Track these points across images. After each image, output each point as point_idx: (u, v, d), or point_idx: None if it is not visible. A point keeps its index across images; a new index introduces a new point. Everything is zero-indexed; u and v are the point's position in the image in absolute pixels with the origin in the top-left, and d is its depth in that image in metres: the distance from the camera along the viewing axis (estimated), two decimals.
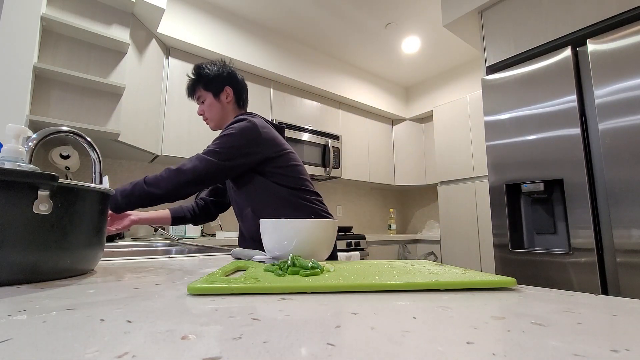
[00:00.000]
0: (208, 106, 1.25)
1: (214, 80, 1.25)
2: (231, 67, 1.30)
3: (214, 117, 1.27)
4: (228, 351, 0.22)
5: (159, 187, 1.03)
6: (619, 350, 0.23)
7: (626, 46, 1.33)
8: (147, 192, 1.02)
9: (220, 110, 1.26)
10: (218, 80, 1.26)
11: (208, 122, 1.29)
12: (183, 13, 2.40)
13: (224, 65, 1.29)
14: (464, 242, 2.87)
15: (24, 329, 0.26)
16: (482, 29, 1.92)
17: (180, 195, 1.05)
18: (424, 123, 3.91)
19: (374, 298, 0.39)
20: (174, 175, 1.04)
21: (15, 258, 0.44)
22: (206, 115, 1.27)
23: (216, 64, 1.28)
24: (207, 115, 1.27)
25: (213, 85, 1.25)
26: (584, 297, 0.40)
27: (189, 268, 0.65)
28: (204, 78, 1.25)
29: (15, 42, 1.54)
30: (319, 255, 0.66)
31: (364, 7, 2.61)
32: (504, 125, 1.67)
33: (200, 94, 1.26)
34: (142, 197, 1.02)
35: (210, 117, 1.27)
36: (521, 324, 0.29)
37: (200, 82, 1.25)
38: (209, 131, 2.47)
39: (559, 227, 1.50)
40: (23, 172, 0.44)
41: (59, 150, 1.82)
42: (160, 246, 1.50)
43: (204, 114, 1.27)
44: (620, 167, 1.31)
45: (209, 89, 1.25)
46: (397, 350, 0.22)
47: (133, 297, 0.38)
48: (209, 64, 1.28)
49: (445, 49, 3.20)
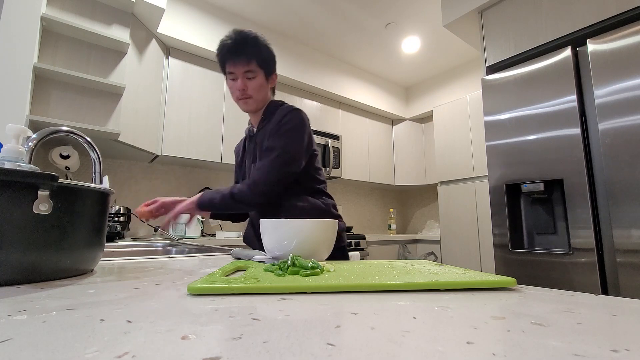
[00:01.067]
0: (258, 85, 1.09)
1: (271, 59, 1.12)
2: None
3: (258, 98, 1.12)
4: (228, 351, 0.22)
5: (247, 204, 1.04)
6: (619, 350, 0.23)
7: (626, 46, 1.33)
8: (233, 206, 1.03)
9: (265, 93, 1.13)
10: (273, 62, 1.13)
11: (246, 102, 1.11)
12: (183, 13, 2.40)
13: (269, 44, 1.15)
14: (464, 242, 2.87)
15: (24, 329, 0.26)
16: (482, 29, 1.92)
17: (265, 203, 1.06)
18: (424, 123, 3.91)
19: (374, 298, 0.38)
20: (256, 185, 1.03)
21: (15, 258, 0.44)
22: (250, 93, 1.09)
23: (267, 42, 1.13)
24: (251, 93, 1.09)
25: (269, 64, 1.11)
26: (584, 297, 0.40)
27: (189, 268, 0.65)
28: (263, 53, 1.09)
29: (15, 42, 1.54)
30: (319, 255, 0.66)
31: (364, 7, 2.61)
32: (504, 125, 1.67)
33: (252, 67, 1.07)
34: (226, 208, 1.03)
35: (255, 97, 1.11)
36: (521, 324, 0.29)
37: (259, 55, 1.08)
38: (209, 131, 2.47)
39: (559, 227, 1.50)
40: (23, 172, 0.44)
41: (59, 150, 1.82)
42: (160, 246, 1.50)
43: (246, 90, 1.09)
44: (620, 167, 1.31)
45: (264, 67, 1.10)
46: (397, 350, 0.22)
47: (133, 297, 0.38)
48: (261, 38, 1.11)
49: (445, 49, 3.20)
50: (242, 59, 1.06)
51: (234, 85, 1.09)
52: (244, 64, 1.06)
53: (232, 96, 1.13)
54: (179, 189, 2.61)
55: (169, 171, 2.58)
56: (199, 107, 2.45)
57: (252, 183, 1.03)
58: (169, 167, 2.59)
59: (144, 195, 2.44)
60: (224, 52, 1.07)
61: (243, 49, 1.06)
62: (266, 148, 1.06)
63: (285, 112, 1.08)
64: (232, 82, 1.10)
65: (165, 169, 2.57)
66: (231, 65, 1.07)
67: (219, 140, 2.51)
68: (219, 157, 2.49)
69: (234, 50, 1.06)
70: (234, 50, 1.06)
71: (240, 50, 1.06)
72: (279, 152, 1.03)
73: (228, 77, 1.10)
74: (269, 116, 1.14)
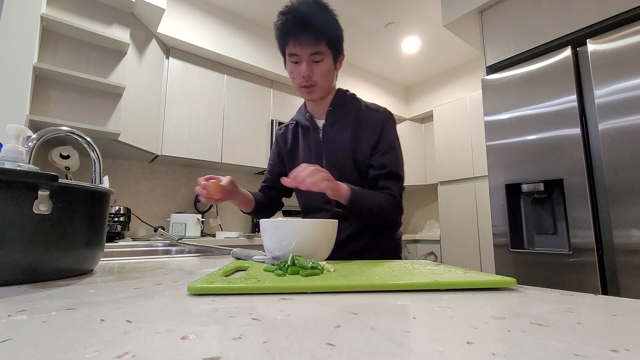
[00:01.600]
0: (326, 70, 0.90)
1: (341, 36, 0.92)
2: None
3: (325, 86, 0.93)
4: (228, 351, 0.22)
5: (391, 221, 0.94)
6: (619, 350, 0.23)
7: (626, 46, 1.33)
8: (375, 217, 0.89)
9: (332, 79, 0.95)
10: (341, 40, 0.93)
11: (310, 90, 0.92)
12: (183, 13, 2.40)
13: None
14: (464, 242, 2.87)
15: (24, 329, 0.26)
16: (482, 29, 1.92)
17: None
18: (424, 123, 3.91)
19: (374, 298, 0.38)
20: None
21: (15, 258, 0.44)
22: (315, 80, 0.90)
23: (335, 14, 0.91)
24: (317, 80, 0.90)
25: (338, 43, 0.92)
26: (584, 297, 0.40)
27: (189, 268, 0.65)
28: (334, 29, 0.89)
29: (15, 42, 1.54)
30: (319, 255, 0.66)
31: (364, 7, 2.61)
32: (504, 125, 1.67)
33: (321, 49, 0.87)
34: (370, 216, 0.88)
35: (322, 85, 0.92)
36: (521, 324, 0.29)
37: (330, 33, 0.88)
38: (209, 131, 2.46)
39: (559, 227, 1.50)
40: (23, 172, 0.44)
41: (59, 150, 1.82)
42: (160, 246, 1.50)
43: (312, 76, 0.89)
44: (620, 167, 1.31)
45: (333, 48, 0.90)
46: (397, 350, 0.22)
47: (133, 297, 0.38)
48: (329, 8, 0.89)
49: (445, 49, 3.20)
50: (309, 38, 0.85)
51: (295, 69, 0.90)
52: (311, 45, 0.86)
53: (292, 82, 0.95)
54: (179, 189, 2.61)
55: (169, 171, 2.58)
56: (199, 107, 2.44)
57: (398, 201, 0.92)
58: (169, 167, 2.59)
59: (144, 195, 2.44)
60: (286, 29, 0.87)
61: (310, 25, 0.85)
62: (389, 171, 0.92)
63: (387, 113, 0.99)
64: (293, 66, 0.91)
65: (165, 169, 2.57)
66: (295, 46, 0.87)
67: (219, 140, 2.51)
68: (219, 157, 2.49)
69: (299, 27, 0.85)
70: (299, 26, 0.85)
71: (307, 27, 0.85)
72: (398, 171, 0.94)
73: (289, 59, 0.91)
74: (339, 108, 0.99)
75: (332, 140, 0.97)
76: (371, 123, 0.96)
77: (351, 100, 1.01)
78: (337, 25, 0.90)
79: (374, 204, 0.87)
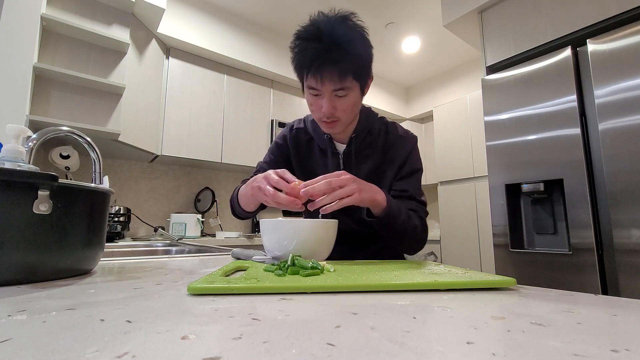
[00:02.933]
0: (351, 104, 0.77)
1: (368, 64, 0.77)
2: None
3: (349, 120, 0.82)
4: (228, 351, 0.22)
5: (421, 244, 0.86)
6: (619, 350, 0.23)
7: (626, 46, 1.33)
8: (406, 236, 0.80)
9: (358, 110, 0.85)
10: (370, 65, 0.78)
11: (332, 125, 0.80)
12: (183, 13, 2.40)
13: (367, 33, 0.76)
14: (464, 242, 2.87)
15: (24, 329, 0.26)
16: (482, 29, 1.92)
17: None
18: (424, 123, 3.90)
19: (374, 298, 0.38)
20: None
21: (15, 258, 0.44)
22: (339, 115, 0.78)
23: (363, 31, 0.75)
24: (340, 116, 0.78)
25: (367, 73, 0.77)
26: (584, 297, 0.40)
27: (189, 268, 0.65)
28: (361, 57, 0.73)
29: (15, 42, 1.54)
30: (319, 255, 0.66)
31: (364, 7, 2.61)
32: (504, 125, 1.67)
33: (346, 84, 0.73)
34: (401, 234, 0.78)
35: (345, 120, 0.80)
36: (521, 324, 0.29)
37: (357, 63, 0.73)
38: (209, 131, 2.46)
39: (559, 227, 1.50)
40: (23, 172, 0.45)
41: (59, 150, 1.82)
42: (160, 246, 1.50)
43: (334, 113, 0.77)
44: (620, 167, 1.31)
45: (360, 79, 0.75)
46: (397, 350, 0.22)
47: (133, 297, 0.38)
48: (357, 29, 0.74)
49: (445, 49, 3.20)
50: (333, 73, 0.71)
51: (315, 102, 0.77)
52: (335, 82, 0.72)
53: (311, 113, 0.83)
54: (179, 189, 2.61)
55: (169, 171, 2.58)
56: (199, 107, 2.44)
57: (426, 224, 0.86)
58: (169, 167, 2.59)
59: (144, 195, 2.44)
60: (305, 61, 0.72)
61: (335, 58, 0.70)
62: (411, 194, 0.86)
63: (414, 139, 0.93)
64: (312, 98, 0.78)
65: (165, 169, 2.57)
66: (315, 81, 0.73)
67: (219, 140, 2.51)
68: (219, 157, 2.49)
69: (322, 61, 0.70)
70: (321, 60, 0.70)
71: (331, 62, 0.70)
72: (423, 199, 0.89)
73: (307, 90, 0.78)
74: (363, 135, 0.88)
75: (353, 170, 0.87)
76: (398, 151, 0.87)
77: (378, 124, 0.91)
78: (366, 49, 0.74)
79: (409, 221, 0.77)
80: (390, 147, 0.88)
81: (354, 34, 0.72)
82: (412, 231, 0.79)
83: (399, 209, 0.76)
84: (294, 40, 0.75)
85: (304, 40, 0.73)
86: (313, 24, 0.72)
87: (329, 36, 0.70)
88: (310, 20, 0.74)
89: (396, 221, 0.75)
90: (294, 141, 0.96)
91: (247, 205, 0.84)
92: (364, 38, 0.74)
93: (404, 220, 0.76)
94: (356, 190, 0.66)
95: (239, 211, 0.91)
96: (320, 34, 0.70)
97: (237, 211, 0.92)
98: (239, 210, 0.89)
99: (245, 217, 0.93)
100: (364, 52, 0.74)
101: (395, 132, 0.91)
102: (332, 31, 0.70)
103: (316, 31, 0.71)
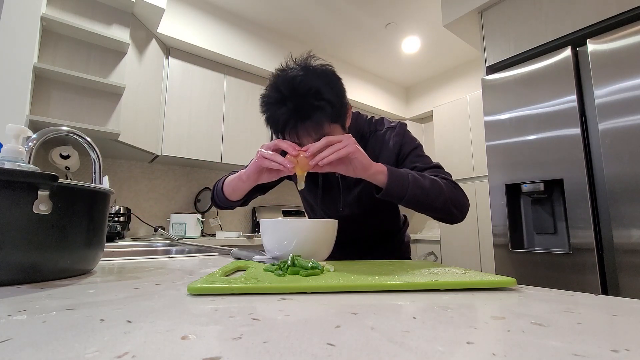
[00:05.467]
0: None
1: (342, 103, 0.75)
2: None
3: None
4: (228, 351, 0.22)
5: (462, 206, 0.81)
6: (619, 350, 0.23)
7: (626, 46, 1.33)
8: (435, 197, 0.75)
9: None
10: (344, 102, 0.77)
11: None
12: (183, 13, 2.40)
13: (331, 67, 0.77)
14: (464, 242, 2.87)
15: (24, 329, 0.26)
16: (482, 29, 1.92)
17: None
18: (424, 123, 3.90)
19: (374, 298, 0.38)
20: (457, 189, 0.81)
21: (16, 258, 0.44)
22: None
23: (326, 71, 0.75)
24: None
25: (342, 111, 0.76)
26: (584, 297, 0.40)
27: (189, 268, 0.65)
28: (331, 106, 0.71)
29: (15, 42, 1.54)
30: (319, 255, 0.66)
31: (364, 7, 2.61)
32: (504, 125, 1.67)
33: (325, 131, 0.72)
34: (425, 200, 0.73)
35: None
36: (521, 324, 0.29)
37: (328, 113, 0.71)
38: (209, 131, 2.46)
39: (559, 227, 1.50)
40: (23, 172, 0.45)
41: (59, 150, 1.82)
42: (160, 246, 1.50)
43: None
44: (620, 167, 1.31)
45: (337, 120, 0.75)
46: (397, 350, 0.22)
47: (133, 297, 0.38)
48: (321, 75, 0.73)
49: (445, 49, 3.20)
50: (308, 128, 0.71)
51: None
52: (312, 136, 0.71)
53: None
54: (179, 189, 2.61)
55: (169, 171, 2.58)
56: (199, 107, 2.44)
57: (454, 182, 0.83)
58: (169, 167, 2.59)
59: (144, 195, 2.44)
60: (279, 125, 0.72)
61: (307, 115, 0.69)
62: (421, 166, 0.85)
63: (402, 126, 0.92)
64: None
65: (165, 169, 2.57)
66: (294, 137, 0.73)
67: (219, 140, 2.51)
68: (219, 157, 2.49)
69: (294, 121, 0.70)
70: (293, 120, 0.70)
71: (303, 118, 0.69)
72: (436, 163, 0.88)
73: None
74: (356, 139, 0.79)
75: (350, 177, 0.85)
76: (390, 142, 0.88)
77: (367, 125, 0.92)
78: (336, 94, 0.73)
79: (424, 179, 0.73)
80: (383, 142, 0.89)
81: (317, 82, 0.71)
82: (437, 190, 0.74)
83: (406, 171, 0.73)
84: (262, 105, 0.76)
85: (271, 106, 0.73)
86: (275, 87, 0.73)
87: (293, 97, 0.69)
88: (270, 81, 0.74)
89: (406, 182, 0.71)
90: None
91: (233, 192, 0.85)
92: (330, 80, 0.73)
93: (417, 178, 0.72)
94: (352, 143, 0.66)
95: (221, 199, 0.90)
96: (284, 97, 0.70)
97: (219, 199, 0.91)
98: (222, 198, 0.89)
99: (225, 206, 0.92)
100: (335, 97, 0.72)
101: (383, 126, 0.92)
102: (295, 90, 0.69)
103: (279, 96, 0.71)
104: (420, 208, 0.75)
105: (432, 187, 0.74)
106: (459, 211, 0.79)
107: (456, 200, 0.78)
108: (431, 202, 0.74)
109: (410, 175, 0.72)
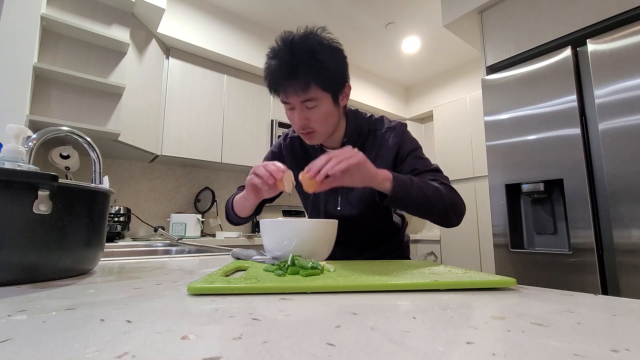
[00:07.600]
0: (324, 115, 0.79)
1: (338, 73, 0.80)
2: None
3: (326, 130, 0.83)
4: (228, 351, 0.22)
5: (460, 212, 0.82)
6: (619, 350, 0.23)
7: (626, 46, 1.33)
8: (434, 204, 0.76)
9: (334, 120, 0.84)
10: (341, 73, 0.81)
11: (310, 136, 0.83)
12: (183, 13, 2.40)
13: (338, 44, 0.80)
14: (464, 242, 2.87)
15: (24, 329, 0.26)
16: (482, 29, 1.92)
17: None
18: (424, 123, 3.90)
19: (374, 298, 0.38)
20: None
21: (16, 258, 0.44)
22: (313, 127, 0.80)
23: (330, 42, 0.78)
24: (314, 127, 0.80)
25: (337, 80, 0.80)
26: (584, 297, 0.40)
27: (189, 268, 0.65)
28: (327, 68, 0.75)
29: (15, 42, 1.54)
30: (319, 255, 0.66)
31: (364, 7, 2.61)
32: (504, 125, 1.67)
33: (313, 95, 0.76)
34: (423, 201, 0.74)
35: (321, 130, 0.82)
36: (521, 324, 0.29)
37: (322, 74, 0.75)
38: (209, 131, 2.46)
39: (559, 227, 1.50)
40: (23, 172, 0.45)
41: (59, 150, 1.82)
42: (160, 246, 1.50)
43: (308, 123, 0.80)
44: (620, 167, 1.31)
45: (329, 89, 0.78)
46: (397, 350, 0.22)
47: (133, 297, 0.38)
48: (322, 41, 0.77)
49: (445, 49, 3.20)
50: (296, 86, 0.75)
51: (291, 115, 0.82)
52: (299, 92, 0.75)
53: (292, 126, 0.86)
54: (179, 189, 2.61)
55: (169, 171, 2.58)
56: (199, 107, 2.44)
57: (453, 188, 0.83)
58: (169, 167, 2.59)
59: (144, 195, 2.44)
60: (271, 78, 0.78)
61: (296, 71, 0.74)
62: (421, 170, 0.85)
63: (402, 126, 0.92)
64: (289, 112, 0.82)
65: (165, 169, 2.57)
66: (283, 95, 0.78)
67: (219, 140, 2.51)
68: (219, 157, 2.49)
69: (284, 75, 0.75)
70: (283, 74, 0.75)
71: (292, 74, 0.74)
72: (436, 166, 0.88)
73: (284, 106, 0.82)
74: (354, 138, 0.90)
75: None
76: (390, 142, 0.88)
77: (366, 124, 0.92)
78: (333, 60, 0.77)
79: (428, 186, 0.75)
80: (382, 142, 0.89)
81: (317, 46, 0.75)
82: (438, 196, 0.75)
83: (410, 178, 0.74)
84: (265, 64, 0.80)
85: (270, 59, 0.78)
86: (278, 42, 0.77)
87: (290, 51, 0.74)
88: (276, 39, 0.79)
89: (409, 190, 0.71)
90: (289, 149, 0.99)
91: (242, 210, 0.91)
92: (331, 49, 0.77)
93: (420, 186, 0.73)
94: (355, 154, 0.66)
95: (233, 217, 0.96)
96: (281, 50, 0.76)
97: (232, 217, 0.97)
98: (233, 216, 0.95)
99: (238, 223, 0.98)
100: (331, 63, 0.76)
101: (383, 126, 0.92)
102: (293, 46, 0.75)
103: (278, 48, 0.77)
104: (421, 214, 0.77)
105: (433, 194, 0.75)
106: (456, 216, 0.81)
107: (455, 206, 0.80)
108: (432, 208, 0.76)
109: (413, 183, 0.73)
